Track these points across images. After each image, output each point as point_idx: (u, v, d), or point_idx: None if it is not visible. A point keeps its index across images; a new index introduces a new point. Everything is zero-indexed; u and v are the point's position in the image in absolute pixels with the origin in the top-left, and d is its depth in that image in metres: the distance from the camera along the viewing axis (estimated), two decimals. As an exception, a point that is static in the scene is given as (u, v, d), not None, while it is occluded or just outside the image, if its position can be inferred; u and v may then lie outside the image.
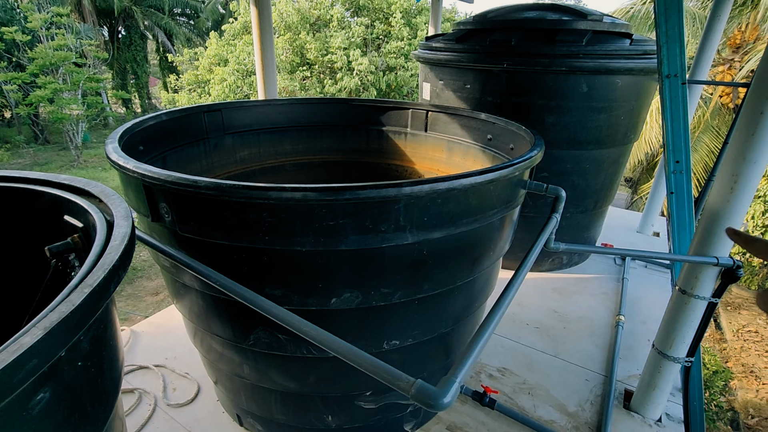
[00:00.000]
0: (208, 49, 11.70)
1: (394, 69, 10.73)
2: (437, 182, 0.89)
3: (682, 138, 1.52)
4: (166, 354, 1.88)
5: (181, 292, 1.21)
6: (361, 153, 2.24)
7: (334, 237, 0.89)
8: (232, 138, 1.96)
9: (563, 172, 2.36)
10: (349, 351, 0.62)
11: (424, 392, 0.55)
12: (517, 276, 0.88)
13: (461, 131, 1.90)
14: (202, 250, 0.98)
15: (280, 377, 1.21)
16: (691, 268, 1.36)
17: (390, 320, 1.09)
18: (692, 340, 1.44)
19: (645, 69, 2.11)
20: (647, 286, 2.55)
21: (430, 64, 2.55)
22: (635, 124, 2.41)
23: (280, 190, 0.83)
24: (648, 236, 3.28)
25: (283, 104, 2.10)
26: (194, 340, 1.39)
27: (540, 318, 2.24)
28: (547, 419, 1.61)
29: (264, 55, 2.50)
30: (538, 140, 1.29)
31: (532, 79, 2.16)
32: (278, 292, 0.98)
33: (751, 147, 1.17)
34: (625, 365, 1.90)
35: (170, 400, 1.63)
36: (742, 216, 1.27)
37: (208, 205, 0.89)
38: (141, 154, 1.42)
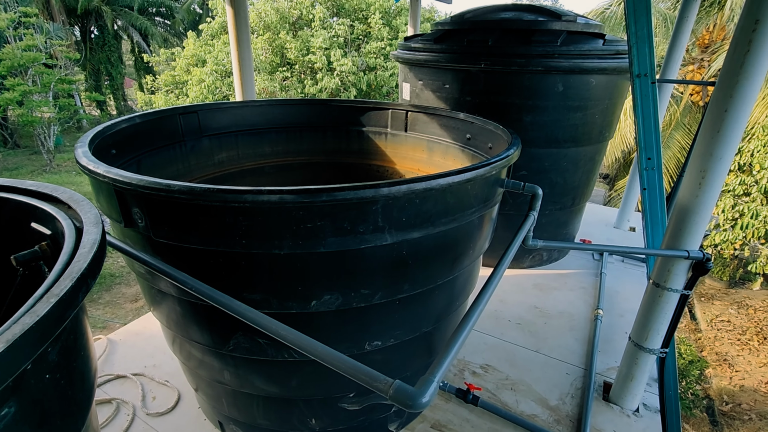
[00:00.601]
0: (185, 49, 11.47)
1: (374, 69, 10.73)
2: (415, 182, 0.89)
3: (653, 135, 1.57)
4: (145, 362, 1.84)
5: (157, 298, 1.18)
6: (342, 154, 2.23)
7: (313, 239, 0.89)
8: (210, 140, 1.92)
9: (542, 170, 2.40)
10: (327, 354, 0.62)
11: (403, 393, 0.56)
12: (496, 274, 0.89)
13: (441, 131, 1.92)
14: (177, 256, 0.96)
15: (262, 382, 1.20)
16: (663, 262, 1.40)
17: (371, 321, 1.09)
18: (666, 332, 1.48)
19: (618, 68, 2.16)
20: (624, 280, 2.62)
21: (410, 64, 2.56)
22: (610, 122, 2.47)
23: (256, 193, 0.82)
24: (624, 231, 3.36)
25: (262, 105, 2.08)
26: (173, 347, 1.37)
27: (522, 314, 2.27)
28: (530, 414, 1.64)
29: (241, 55, 2.47)
30: (515, 139, 1.31)
31: (510, 79, 2.19)
32: (257, 297, 0.97)
33: (717, 144, 1.21)
34: (604, 358, 1.95)
35: (149, 409, 1.59)
36: (711, 210, 1.31)
37: (183, 210, 0.88)
38: (114, 158, 1.38)
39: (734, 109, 1.17)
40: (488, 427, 1.57)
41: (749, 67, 1.12)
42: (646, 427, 1.59)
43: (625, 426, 1.59)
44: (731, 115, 1.17)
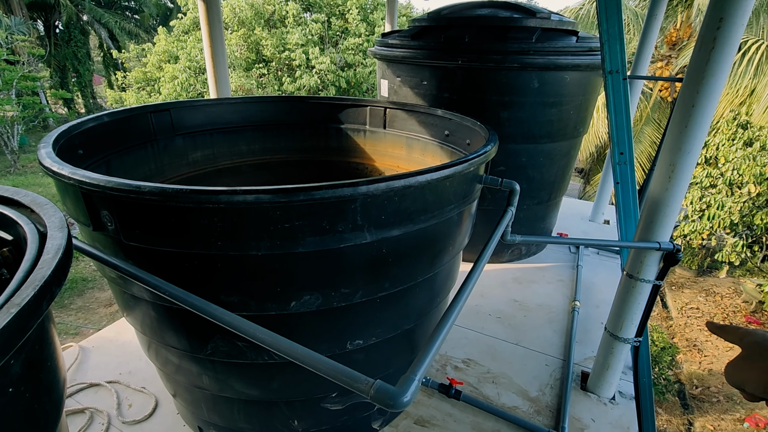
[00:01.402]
0: (156, 45, 11.13)
1: (352, 66, 10.67)
2: (393, 180, 0.89)
3: (625, 131, 1.61)
4: (120, 369, 1.78)
5: (130, 304, 1.14)
6: (321, 152, 2.21)
7: (291, 239, 0.87)
8: (183, 139, 1.87)
9: (519, 165, 2.44)
10: (306, 355, 0.61)
11: (383, 392, 0.55)
12: (475, 269, 0.90)
13: (419, 128, 1.92)
14: (150, 259, 0.93)
15: (242, 385, 1.18)
16: (636, 254, 1.45)
17: (352, 320, 1.09)
18: (640, 321, 1.53)
19: (591, 65, 2.21)
20: (600, 272, 2.69)
21: (387, 60, 2.55)
22: (584, 118, 2.52)
23: (230, 194, 0.80)
24: (599, 224, 3.46)
25: (237, 103, 2.03)
26: (148, 353, 1.33)
27: (502, 308, 2.31)
28: (511, 406, 1.67)
29: (214, 51, 2.41)
30: (492, 135, 1.32)
31: (486, 76, 2.21)
32: (235, 299, 0.95)
33: (685, 138, 1.25)
34: (582, 348, 2.00)
35: (126, 417, 1.54)
36: (680, 202, 1.36)
37: (154, 212, 0.85)
38: (81, 158, 1.33)
39: (701, 104, 1.20)
40: (471, 421, 1.58)
41: (714, 63, 1.16)
42: (622, 414, 1.64)
43: (602, 414, 1.63)
44: (698, 110, 1.21)
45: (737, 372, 0.62)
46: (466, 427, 1.55)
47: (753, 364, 0.60)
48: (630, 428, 1.59)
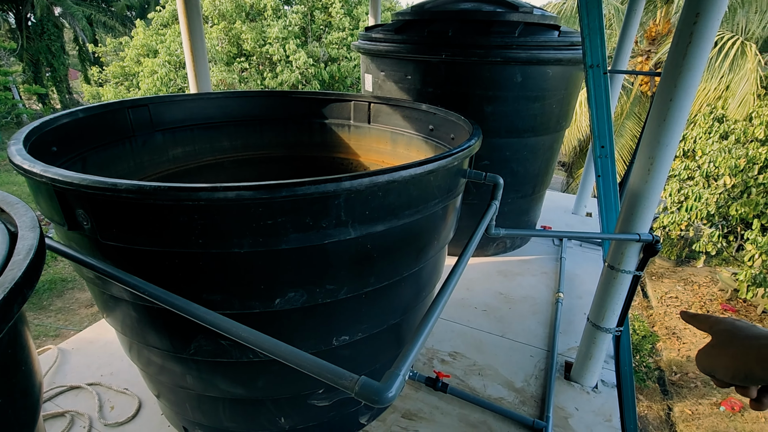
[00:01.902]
0: (134, 38, 10.84)
1: (336, 60, 10.57)
2: (377, 175, 0.88)
3: (605, 124, 1.63)
4: (102, 371, 1.74)
5: (110, 304, 1.12)
6: (305, 147, 2.19)
7: (274, 236, 0.86)
8: (163, 135, 1.83)
9: (503, 159, 2.46)
10: (290, 353, 0.61)
11: (368, 388, 0.55)
12: (460, 263, 0.90)
13: (404, 122, 1.91)
14: (128, 259, 0.90)
15: (227, 384, 1.16)
16: (617, 245, 1.47)
17: (338, 316, 1.08)
18: (621, 311, 1.56)
19: (572, 59, 2.23)
20: (582, 264, 2.74)
21: (371, 55, 2.53)
22: (566, 112, 2.55)
23: (211, 190, 0.78)
24: (582, 217, 3.51)
25: (218, 98, 1.99)
26: (130, 354, 1.30)
27: (487, 301, 2.33)
28: (497, 397, 1.69)
29: (194, 45, 2.35)
30: (476, 130, 1.32)
31: (470, 70, 2.21)
32: (217, 297, 0.93)
33: (664, 132, 1.28)
34: (565, 339, 2.03)
35: (108, 419, 1.51)
36: (659, 194, 1.38)
37: (132, 210, 0.82)
38: (54, 155, 1.28)
39: (678, 98, 1.23)
40: (458, 413, 1.60)
41: (691, 58, 1.19)
42: (604, 402, 1.68)
43: (585, 402, 1.67)
44: (676, 104, 1.24)
45: (707, 359, 0.63)
46: (453, 420, 1.57)
47: (722, 351, 0.61)
48: (612, 416, 1.62)
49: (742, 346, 0.58)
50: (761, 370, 0.55)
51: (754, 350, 0.56)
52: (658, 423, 5.96)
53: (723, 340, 0.62)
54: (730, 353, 0.59)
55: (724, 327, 0.63)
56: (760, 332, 0.58)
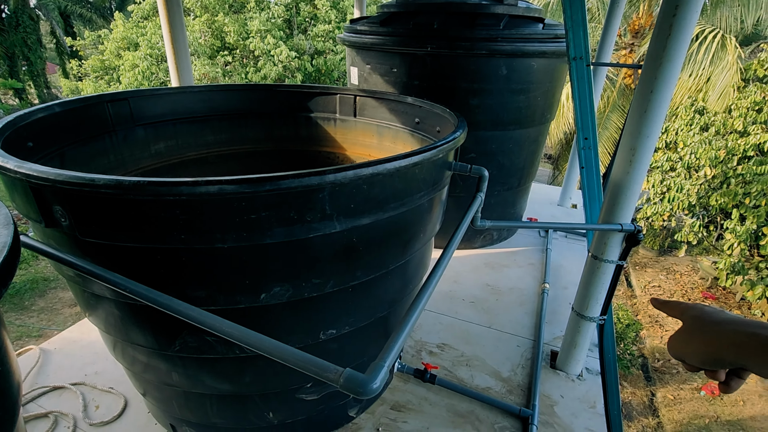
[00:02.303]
0: (114, 31, 10.57)
1: (323, 53, 10.47)
2: (361, 168, 0.88)
3: (589, 116, 1.65)
4: (85, 370, 1.72)
5: (92, 302, 1.10)
6: (291, 141, 2.17)
7: (258, 230, 0.85)
8: (145, 129, 1.79)
9: (489, 152, 2.47)
10: (274, 347, 0.60)
11: (353, 381, 0.55)
12: (445, 255, 0.91)
13: (390, 115, 1.91)
14: (109, 256, 0.89)
15: (214, 380, 1.15)
16: (600, 236, 1.50)
17: (324, 310, 1.08)
18: (604, 300, 1.59)
19: (557, 52, 2.24)
20: (567, 255, 2.78)
21: (356, 47, 2.51)
22: (551, 105, 2.57)
23: (192, 185, 0.77)
24: (567, 208, 3.56)
25: (201, 91, 1.96)
26: (114, 352, 1.28)
27: (475, 293, 2.35)
28: (484, 387, 1.71)
29: (174, 37, 2.30)
30: (461, 122, 1.33)
31: (456, 62, 2.21)
32: (202, 293, 0.92)
33: (645, 123, 1.30)
34: (551, 328, 2.07)
35: (93, 419, 1.49)
36: (640, 184, 1.41)
37: (111, 206, 0.81)
38: (30, 151, 1.25)
39: (659, 90, 1.25)
40: (446, 404, 1.62)
41: (671, 50, 1.20)
42: (589, 389, 1.71)
43: (570, 390, 1.70)
44: (656, 95, 1.26)
45: (678, 345, 0.65)
46: (442, 410, 1.59)
47: (692, 337, 0.63)
48: (596, 402, 1.66)
49: (711, 331, 0.60)
50: (728, 354, 0.56)
51: (721, 335, 0.58)
52: (642, 408, 6.12)
53: (692, 326, 0.63)
54: (699, 339, 0.61)
55: (694, 313, 0.65)
56: (727, 318, 0.60)
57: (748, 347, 0.54)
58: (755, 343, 0.53)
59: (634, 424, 5.85)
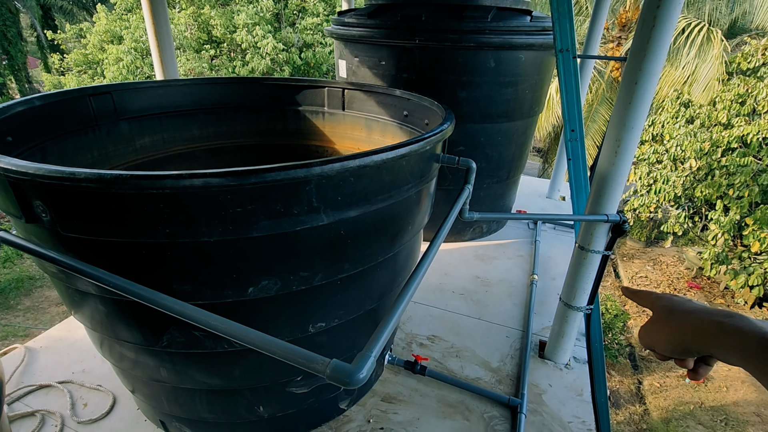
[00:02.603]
0: (96, 24, 10.33)
1: (311, 46, 10.37)
2: (348, 160, 0.88)
3: (575, 108, 1.66)
4: (73, 368, 1.70)
5: (76, 299, 1.08)
6: (279, 135, 2.15)
7: (244, 224, 0.85)
8: (129, 124, 1.76)
9: (478, 145, 2.48)
10: (261, 340, 0.60)
11: (339, 371, 0.55)
12: (433, 246, 0.91)
13: (378, 108, 1.90)
14: (92, 251, 0.88)
15: (203, 375, 1.15)
16: (587, 226, 1.52)
17: (313, 303, 1.08)
18: (591, 290, 1.61)
19: (544, 44, 2.25)
20: (556, 246, 2.81)
21: (344, 40, 2.49)
22: (539, 97, 2.59)
23: (176, 178, 0.76)
24: (555, 201, 3.59)
25: (187, 85, 1.93)
26: (102, 350, 1.27)
27: (465, 285, 2.37)
28: (474, 377, 1.73)
29: (158, 30, 2.26)
30: (449, 114, 1.33)
31: (444, 55, 2.21)
32: (188, 288, 0.92)
33: (629, 114, 1.31)
34: (539, 319, 2.09)
35: (81, 417, 1.48)
36: (626, 175, 1.43)
37: (93, 200, 0.79)
38: (10, 146, 1.22)
39: (643, 81, 1.26)
40: (436, 394, 1.64)
41: (655, 41, 1.22)
42: (576, 378, 1.74)
43: (558, 378, 1.73)
44: (641, 87, 1.27)
45: (648, 335, 0.66)
46: (432, 401, 1.60)
47: (661, 327, 0.63)
48: (583, 390, 1.69)
49: (678, 320, 0.61)
50: (694, 342, 0.58)
51: (688, 324, 0.59)
52: (629, 396, 6.25)
53: (661, 315, 0.64)
54: (668, 328, 0.62)
55: (662, 303, 0.66)
56: (695, 307, 0.61)
57: (712, 335, 0.55)
58: (719, 332, 0.54)
59: (622, 411, 5.98)
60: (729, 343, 0.53)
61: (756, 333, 0.50)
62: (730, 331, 0.53)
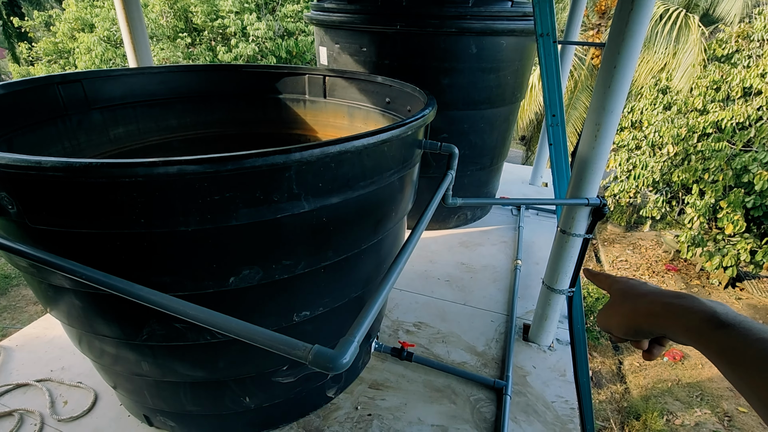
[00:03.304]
0: (66, 11, 9.92)
1: (293, 34, 10.17)
2: (328, 146, 0.86)
3: (556, 93, 1.67)
4: (51, 366, 1.65)
5: (50, 294, 1.05)
6: (259, 124, 2.11)
7: (223, 212, 0.83)
8: (102, 114, 1.70)
9: (461, 132, 2.48)
10: (241, 328, 0.59)
11: (322, 356, 0.55)
12: (416, 231, 0.91)
13: (360, 96, 1.87)
14: (64, 243, 0.84)
15: (186, 368, 1.13)
16: (568, 210, 1.54)
17: (297, 292, 1.07)
18: (573, 273, 1.64)
19: (525, 30, 2.25)
20: (539, 232, 2.85)
21: (325, 26, 2.44)
22: (521, 84, 2.59)
23: (149, 166, 0.73)
24: (538, 187, 3.64)
25: (162, 72, 1.87)
26: (80, 346, 1.24)
27: (450, 271, 2.39)
28: (460, 362, 1.75)
29: (130, 16, 2.18)
30: (431, 100, 1.31)
31: (426, 41, 2.19)
32: (167, 279, 0.89)
33: (609, 98, 1.32)
34: (523, 303, 2.13)
35: (61, 414, 1.44)
36: (605, 159, 1.44)
37: (62, 190, 0.76)
38: (-27, 136, 1.16)
39: (622, 65, 1.27)
40: (423, 380, 1.65)
41: (633, 25, 1.22)
42: (559, 359, 1.78)
43: (542, 360, 1.77)
44: (619, 71, 1.28)
45: (604, 318, 0.67)
46: (419, 386, 1.62)
47: (617, 310, 0.64)
48: (566, 371, 1.73)
49: (632, 303, 0.62)
50: (647, 324, 0.59)
51: (641, 306, 0.60)
52: (611, 376, 6.44)
53: (617, 299, 0.66)
54: (622, 311, 0.63)
55: (618, 286, 0.67)
56: (648, 289, 0.62)
57: (662, 316, 0.56)
58: (669, 312, 0.55)
59: (604, 390, 6.17)
60: (678, 322, 0.54)
61: (703, 312, 0.51)
62: (679, 312, 0.54)
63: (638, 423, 5.38)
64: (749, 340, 0.46)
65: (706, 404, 5.61)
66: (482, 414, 1.52)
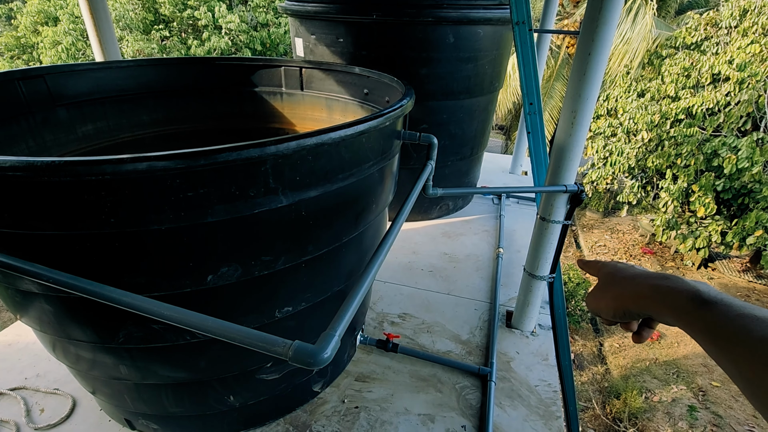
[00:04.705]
0: (28, 3, 9.47)
1: (266, 25, 9.96)
2: (304, 138, 0.84)
3: (533, 81, 1.68)
4: (25, 373, 1.60)
5: (18, 300, 1.00)
6: (235, 118, 2.06)
7: (197, 209, 0.80)
8: (68, 110, 1.63)
9: (441, 122, 2.48)
10: (218, 327, 0.58)
11: (303, 352, 0.54)
12: (396, 223, 0.90)
13: (338, 87, 1.85)
14: (30, 246, 0.81)
15: (167, 370, 1.11)
16: (547, 198, 1.56)
17: (278, 288, 1.05)
18: (552, 260, 1.67)
19: (502, 19, 2.25)
20: (520, 220, 2.89)
21: (300, 17, 2.39)
22: (499, 73, 2.60)
23: (116, 163, 0.70)
24: (518, 176, 3.68)
25: (130, 66, 1.80)
26: (55, 352, 1.19)
27: (433, 262, 2.40)
28: (445, 351, 1.77)
29: (93, 6, 2.09)
30: (409, 90, 1.30)
31: (403, 31, 2.17)
32: (141, 280, 0.87)
33: (584, 85, 1.34)
34: (506, 290, 2.16)
35: (38, 422, 1.40)
36: (582, 146, 1.46)
37: (24, 191, 0.73)
38: (-74, 137, 1.10)
39: (596, 52, 1.28)
40: (409, 370, 1.66)
41: (606, 12, 1.23)
42: (542, 344, 1.82)
43: (525, 346, 1.80)
44: (594, 57, 1.29)
45: (593, 301, 0.69)
46: (405, 377, 1.63)
47: (605, 293, 0.66)
48: (549, 355, 1.77)
49: (620, 286, 0.63)
50: (634, 305, 0.60)
51: (629, 289, 0.61)
52: (592, 358, 6.63)
53: (606, 282, 0.67)
54: (611, 294, 0.65)
55: (607, 270, 0.68)
56: (635, 272, 0.64)
57: (649, 298, 0.58)
58: (655, 293, 0.57)
59: (585, 372, 6.35)
60: (664, 303, 0.55)
61: (687, 291, 0.52)
62: (665, 292, 0.55)
63: (619, 402, 5.56)
64: (730, 316, 0.47)
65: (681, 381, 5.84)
66: (468, 401, 1.54)
